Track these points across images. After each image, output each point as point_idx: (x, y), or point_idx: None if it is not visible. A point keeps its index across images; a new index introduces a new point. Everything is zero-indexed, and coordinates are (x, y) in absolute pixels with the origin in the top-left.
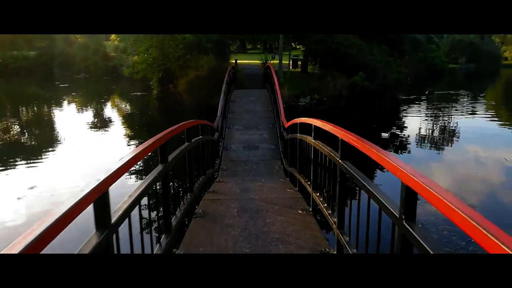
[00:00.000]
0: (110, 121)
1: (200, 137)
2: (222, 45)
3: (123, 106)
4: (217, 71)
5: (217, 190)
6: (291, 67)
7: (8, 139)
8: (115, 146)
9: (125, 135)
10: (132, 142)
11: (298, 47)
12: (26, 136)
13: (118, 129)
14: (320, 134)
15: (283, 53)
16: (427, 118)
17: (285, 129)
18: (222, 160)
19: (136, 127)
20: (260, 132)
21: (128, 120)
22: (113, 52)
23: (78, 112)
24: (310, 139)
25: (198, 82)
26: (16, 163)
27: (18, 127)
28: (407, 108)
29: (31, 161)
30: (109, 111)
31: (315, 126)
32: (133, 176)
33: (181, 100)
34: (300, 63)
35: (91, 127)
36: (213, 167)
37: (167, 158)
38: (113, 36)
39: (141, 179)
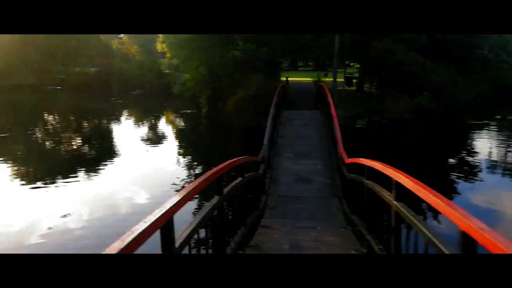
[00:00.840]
0: (161, 136)
1: (237, 181)
2: (273, 62)
3: (174, 123)
4: (267, 91)
5: (259, 245)
6: (345, 86)
7: (70, 150)
8: (164, 160)
9: (174, 151)
10: (181, 158)
11: (352, 64)
12: (86, 147)
13: (168, 145)
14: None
15: (337, 70)
16: (499, 145)
17: (344, 163)
18: (269, 194)
19: (185, 144)
20: (313, 162)
21: (177, 136)
22: (167, 69)
23: (133, 127)
24: (387, 196)
25: (246, 102)
26: (77, 172)
27: (79, 139)
28: (478, 133)
29: (91, 171)
30: (161, 127)
31: (396, 182)
32: None
33: (230, 119)
34: (355, 81)
35: (144, 141)
36: (258, 208)
37: (223, 190)
38: (168, 54)
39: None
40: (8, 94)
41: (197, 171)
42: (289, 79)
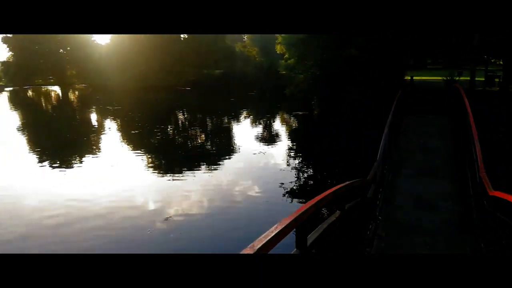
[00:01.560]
0: (273, 137)
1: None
2: (396, 60)
3: (286, 124)
4: (387, 92)
5: None
6: (486, 86)
7: (195, 145)
8: (275, 159)
9: (285, 151)
10: (291, 159)
11: (494, 60)
12: (209, 143)
13: (279, 145)
14: None
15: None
16: None
17: (487, 194)
18: (381, 221)
19: (294, 146)
20: (441, 183)
21: (288, 137)
22: (283, 70)
23: (248, 126)
24: None
25: (362, 105)
26: (200, 165)
27: (203, 135)
28: None
29: (211, 164)
30: (274, 127)
31: None
32: None
33: (342, 123)
34: (497, 80)
35: (258, 140)
36: (362, 239)
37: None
38: (286, 55)
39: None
40: (146, 94)
41: (305, 174)
42: (414, 78)
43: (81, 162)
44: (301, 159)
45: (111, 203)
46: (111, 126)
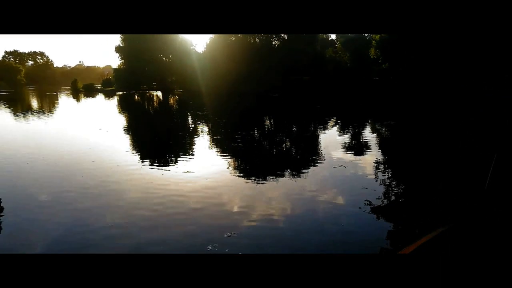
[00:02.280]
0: (362, 145)
1: None
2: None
3: (376, 132)
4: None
5: None
6: None
7: (280, 150)
8: (363, 167)
9: (376, 159)
10: (382, 168)
11: None
12: (293, 149)
13: (369, 153)
14: None
15: None
16: None
17: None
18: None
19: (387, 155)
20: None
21: (380, 147)
22: (377, 76)
23: (336, 133)
24: None
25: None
26: (283, 172)
27: (288, 141)
28: None
29: (295, 171)
30: (363, 135)
31: None
32: None
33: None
34: None
35: (345, 148)
36: None
37: None
38: (380, 59)
39: None
40: (235, 99)
41: (396, 189)
42: None
43: (171, 160)
44: (391, 171)
45: (198, 200)
46: (200, 129)
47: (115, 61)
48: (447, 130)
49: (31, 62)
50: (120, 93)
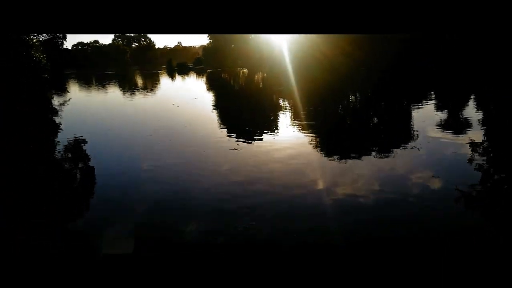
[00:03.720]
0: (460, 123)
1: None
2: None
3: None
4: None
5: None
6: None
7: (367, 128)
8: (462, 148)
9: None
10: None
11: None
12: (382, 128)
13: (469, 133)
14: None
15: None
16: None
17: None
18: None
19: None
20: None
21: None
22: None
23: (432, 111)
24: None
25: None
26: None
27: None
28: None
29: (384, 151)
30: (462, 110)
31: None
32: None
33: None
34: None
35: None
36: None
37: None
38: None
39: None
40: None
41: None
42: None
43: (258, 132)
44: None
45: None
46: (283, 104)
47: (204, 40)
48: None
49: (136, 44)
50: (210, 70)
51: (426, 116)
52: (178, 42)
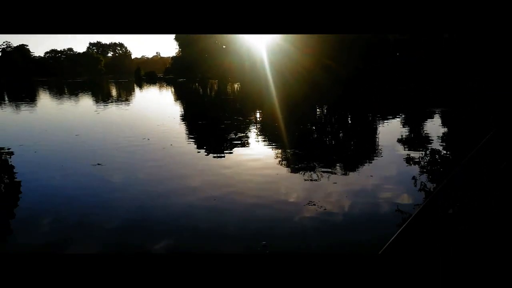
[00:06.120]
0: (422, 138)
1: None
2: None
3: (436, 124)
4: None
5: None
6: None
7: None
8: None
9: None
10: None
11: None
12: (348, 141)
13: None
14: None
15: None
16: None
17: None
18: None
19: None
20: None
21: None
22: None
23: (398, 126)
24: None
25: None
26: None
27: (342, 132)
28: None
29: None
30: (424, 128)
31: None
32: None
33: None
34: None
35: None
36: None
37: None
38: None
39: None
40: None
41: None
42: None
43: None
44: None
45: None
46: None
47: (173, 51)
48: None
49: (112, 53)
50: (181, 80)
51: (392, 130)
52: (157, 52)
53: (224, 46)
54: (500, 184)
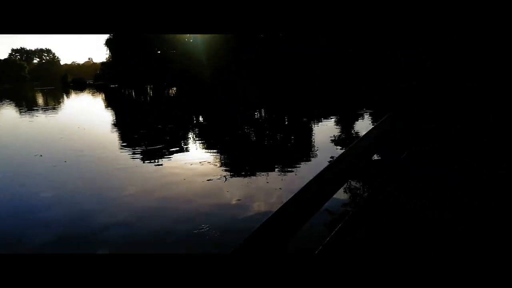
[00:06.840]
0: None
1: None
2: None
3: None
4: None
5: None
6: None
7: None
8: None
9: None
10: None
11: None
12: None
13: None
14: None
15: None
16: None
17: None
18: None
19: None
20: None
21: None
22: None
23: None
24: None
25: None
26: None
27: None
28: None
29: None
30: (355, 128)
31: None
32: None
33: None
34: None
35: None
36: None
37: None
38: None
39: None
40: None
41: None
42: None
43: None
44: None
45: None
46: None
47: (103, 56)
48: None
49: (37, 60)
50: (113, 86)
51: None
52: (89, 58)
53: (159, 52)
54: (500, 184)
